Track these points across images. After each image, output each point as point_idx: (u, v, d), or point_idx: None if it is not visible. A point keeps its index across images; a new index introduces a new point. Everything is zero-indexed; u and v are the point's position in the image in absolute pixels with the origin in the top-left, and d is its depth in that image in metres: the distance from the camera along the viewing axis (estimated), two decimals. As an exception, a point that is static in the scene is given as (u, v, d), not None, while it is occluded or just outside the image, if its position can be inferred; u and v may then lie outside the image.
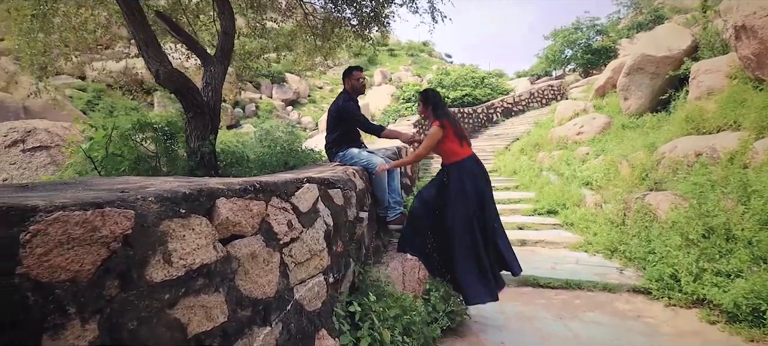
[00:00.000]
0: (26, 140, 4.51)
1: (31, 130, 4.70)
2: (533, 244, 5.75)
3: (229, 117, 30.44)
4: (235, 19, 3.85)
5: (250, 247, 1.53)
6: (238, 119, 31.26)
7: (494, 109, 16.25)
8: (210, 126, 3.33)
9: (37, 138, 4.67)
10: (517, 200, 7.91)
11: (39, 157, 4.56)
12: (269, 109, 31.94)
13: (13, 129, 4.66)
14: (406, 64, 42.41)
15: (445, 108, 3.53)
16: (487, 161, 11.54)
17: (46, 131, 4.71)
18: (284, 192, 1.79)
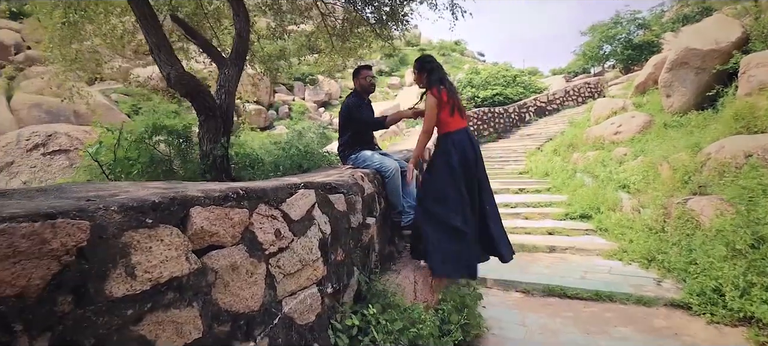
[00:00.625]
0: (47, 144, 4.72)
1: (52, 134, 4.91)
2: (563, 250, 5.44)
3: (263, 119, 31.25)
4: (250, 22, 3.84)
5: (229, 258, 1.44)
6: (271, 121, 31.99)
7: (526, 109, 15.72)
8: (222, 129, 3.31)
9: (57, 142, 4.88)
10: (548, 203, 7.55)
11: (58, 160, 4.76)
12: (302, 110, 32.50)
13: (35, 133, 4.89)
14: (438, 63, 42.03)
15: (441, 74, 3.27)
16: (518, 162, 11.17)
17: (67, 135, 4.90)
18: (274, 199, 1.70)
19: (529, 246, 5.64)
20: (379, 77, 41.35)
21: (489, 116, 14.50)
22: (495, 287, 4.44)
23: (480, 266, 4.91)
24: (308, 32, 5.63)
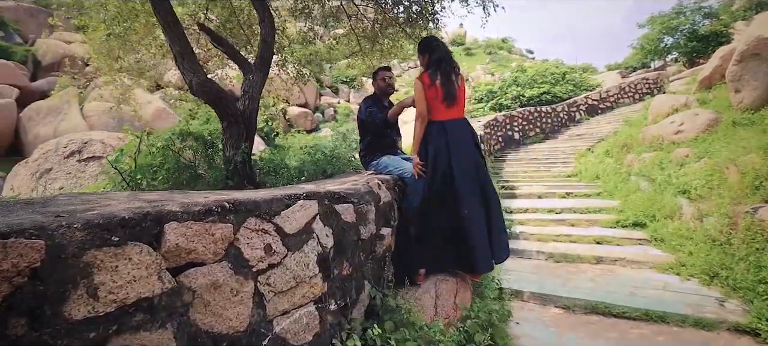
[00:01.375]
0: (82, 151, 5.02)
1: (87, 142, 5.20)
2: (611, 262, 5.00)
3: (309, 121, 32.03)
4: (275, 28, 3.83)
5: (210, 276, 1.36)
6: (317, 123, 32.72)
7: (577, 107, 14.86)
8: (244, 135, 3.31)
9: (91, 149, 5.17)
10: (598, 209, 7.02)
11: (92, 167, 5.05)
12: (346, 113, 32.94)
13: (71, 140, 5.22)
14: (484, 63, 40.98)
15: (439, 56, 3.04)
16: (566, 164, 10.56)
17: (101, 142, 5.20)
18: (266, 212, 1.60)
19: (572, 256, 5.23)
20: (424, 78, 41.02)
21: (535, 116, 13.84)
22: (532, 301, 4.13)
23: (516, 277, 4.64)
24: (338, 36, 5.58)
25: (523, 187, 9.19)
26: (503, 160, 11.74)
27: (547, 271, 4.91)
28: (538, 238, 6.12)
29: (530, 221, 6.89)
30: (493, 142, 12.25)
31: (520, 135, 13.43)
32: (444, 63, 2.99)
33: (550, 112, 14.16)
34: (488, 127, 11.93)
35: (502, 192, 8.66)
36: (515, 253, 5.63)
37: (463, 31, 48.86)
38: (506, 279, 4.41)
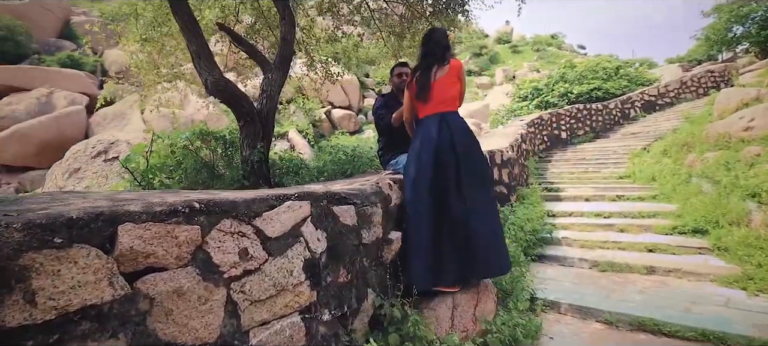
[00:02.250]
0: (108, 151, 5.24)
1: (114, 142, 5.43)
2: (665, 273, 4.49)
3: (353, 123, 32.39)
4: (295, 26, 3.76)
5: (173, 282, 1.25)
6: (361, 125, 33.01)
7: (631, 104, 13.80)
8: (260, 134, 3.26)
9: (117, 149, 5.38)
10: (652, 213, 6.40)
11: (116, 166, 5.26)
12: (390, 114, 32.98)
13: (99, 141, 5.49)
14: (531, 60, 39.51)
15: (424, 53, 2.82)
16: (618, 165, 9.82)
17: (127, 143, 5.42)
18: (245, 213, 1.48)
19: (620, 265, 4.76)
20: (468, 77, 40.28)
21: (584, 114, 13.00)
22: (569, 314, 3.77)
23: (553, 286, 4.28)
24: (364, 33, 5.46)
25: (568, 189, 8.62)
26: (548, 161, 11.12)
27: (590, 281, 4.49)
28: (581, 244, 5.66)
29: (574, 226, 6.40)
30: (538, 142, 11.65)
31: (567, 134, 12.69)
32: (427, 57, 2.81)
33: (601, 110, 13.25)
34: (532, 126, 11.34)
35: (546, 194, 8.17)
36: (555, 260, 5.24)
37: (509, 28, 47.38)
38: (542, 288, 4.07)
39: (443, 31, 2.94)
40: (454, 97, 2.76)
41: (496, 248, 2.71)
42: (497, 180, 5.59)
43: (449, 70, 2.74)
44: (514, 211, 5.59)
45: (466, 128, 2.78)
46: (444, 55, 2.79)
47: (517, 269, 3.89)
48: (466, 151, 2.67)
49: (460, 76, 2.81)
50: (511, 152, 6.36)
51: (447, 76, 2.74)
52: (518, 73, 35.76)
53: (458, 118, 2.78)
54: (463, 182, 2.58)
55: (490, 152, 5.58)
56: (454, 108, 2.79)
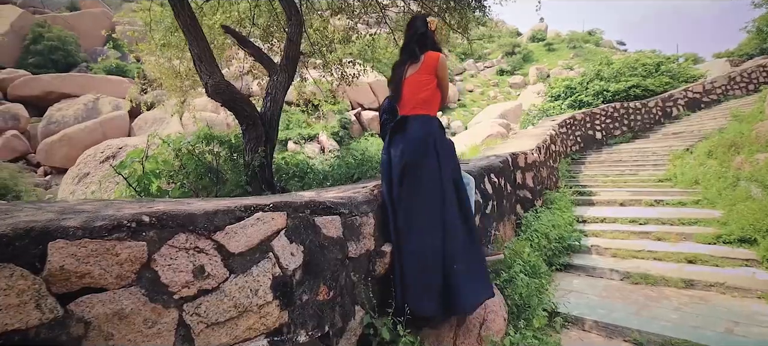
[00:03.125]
0: (116, 156, 5.33)
1: (122, 147, 5.52)
2: (706, 287, 4.09)
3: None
4: (302, 27, 3.67)
5: (113, 304, 1.15)
6: (390, 126, 32.97)
7: (673, 102, 12.94)
8: (263, 138, 3.17)
9: (125, 154, 5.44)
10: (693, 220, 5.90)
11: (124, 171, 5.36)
12: (418, 115, 32.77)
13: (108, 146, 5.60)
14: (567, 58, 38.16)
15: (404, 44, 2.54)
16: (657, 167, 9.22)
17: (135, 147, 5.49)
18: (204, 226, 1.36)
19: (655, 277, 4.38)
20: (500, 77, 39.41)
21: (621, 113, 12.30)
22: (594, 332, 3.47)
23: (578, 300, 3.97)
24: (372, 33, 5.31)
25: (602, 193, 8.14)
26: (581, 163, 10.58)
27: (620, 294, 4.15)
28: (613, 253, 5.27)
29: (606, 233, 6.00)
30: (570, 143, 11.11)
31: (602, 134, 12.05)
32: (402, 51, 2.54)
33: (639, 109, 12.50)
34: (564, 126, 10.83)
35: (577, 198, 7.74)
36: (583, 270, 4.90)
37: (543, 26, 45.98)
38: (565, 302, 3.78)
39: (423, 17, 2.53)
40: (426, 99, 2.37)
41: (450, 286, 2.11)
42: (520, 184, 5.31)
43: (422, 66, 2.38)
44: (539, 216, 5.28)
45: (420, 139, 2.29)
46: (418, 47, 2.43)
47: (536, 281, 3.63)
48: (412, 167, 2.25)
49: (437, 72, 2.39)
50: (536, 154, 6.04)
51: (419, 72, 2.39)
52: (553, 71, 34.64)
53: (418, 126, 2.33)
54: (401, 201, 2.20)
55: (513, 155, 5.30)
56: (426, 111, 2.38)
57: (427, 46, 2.44)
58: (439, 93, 2.47)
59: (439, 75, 2.42)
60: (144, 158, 2.66)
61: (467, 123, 29.63)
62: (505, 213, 4.50)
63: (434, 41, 2.49)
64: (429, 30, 2.48)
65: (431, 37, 2.48)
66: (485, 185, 3.98)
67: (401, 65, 2.48)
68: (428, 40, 2.46)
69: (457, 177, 2.37)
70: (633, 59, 14.04)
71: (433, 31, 2.49)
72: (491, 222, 3.90)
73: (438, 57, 2.39)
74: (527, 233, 4.86)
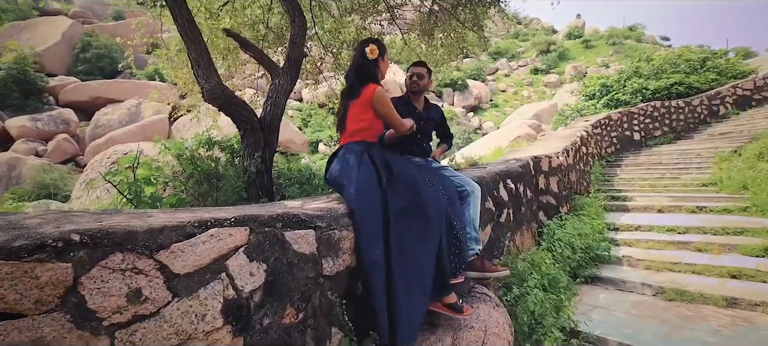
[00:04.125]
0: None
1: (127, 153, 5.56)
2: (750, 306, 3.68)
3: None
4: (306, 28, 3.57)
5: (31, 331, 1.05)
6: (421, 128, 32.67)
7: (721, 100, 12.00)
8: (262, 142, 3.09)
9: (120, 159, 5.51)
10: (740, 229, 5.38)
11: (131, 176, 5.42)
12: (450, 116, 32.40)
13: (115, 151, 5.69)
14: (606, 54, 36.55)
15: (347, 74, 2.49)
16: (701, 171, 8.57)
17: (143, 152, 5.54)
18: (147, 245, 1.25)
19: (692, 294, 3.99)
20: (534, 76, 38.29)
21: (662, 112, 11.52)
22: (618, 354, 3.17)
23: (603, 317, 3.65)
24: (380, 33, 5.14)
25: (638, 198, 7.62)
26: (617, 166, 9.99)
27: (651, 312, 3.80)
28: (646, 265, 4.87)
29: (640, 242, 5.57)
30: (605, 144, 10.52)
31: (641, 135, 11.34)
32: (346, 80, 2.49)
33: (682, 107, 11.67)
34: (598, 126, 10.25)
35: (610, 204, 7.28)
36: (611, 283, 4.56)
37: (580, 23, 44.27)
38: (587, 319, 3.49)
39: (364, 44, 2.45)
40: (362, 128, 2.32)
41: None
42: (543, 189, 5.00)
43: (359, 98, 2.32)
44: (564, 224, 4.95)
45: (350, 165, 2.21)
46: (357, 80, 2.39)
47: (554, 296, 3.36)
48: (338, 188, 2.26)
49: (372, 106, 2.30)
50: (562, 158, 5.69)
51: (356, 104, 2.33)
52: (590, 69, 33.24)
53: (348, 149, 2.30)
54: None
55: (535, 158, 5.00)
56: (362, 137, 2.32)
57: (365, 78, 2.37)
58: (380, 121, 2.38)
59: (375, 108, 2.31)
60: (135, 165, 2.63)
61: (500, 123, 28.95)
62: (523, 221, 4.23)
63: (372, 71, 2.40)
64: (366, 59, 2.39)
65: (369, 67, 2.39)
66: (500, 191, 3.74)
67: (345, 97, 2.43)
68: (366, 71, 2.38)
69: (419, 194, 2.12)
70: (675, 55, 13.16)
71: (376, 59, 2.39)
72: (505, 232, 3.65)
73: (373, 91, 2.29)
74: (549, 242, 4.56)
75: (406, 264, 1.91)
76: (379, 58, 2.41)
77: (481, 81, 37.46)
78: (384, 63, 2.47)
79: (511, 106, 33.85)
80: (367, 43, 2.43)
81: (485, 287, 2.80)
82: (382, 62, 2.45)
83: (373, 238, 1.88)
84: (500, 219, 3.65)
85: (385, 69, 2.49)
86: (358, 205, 1.98)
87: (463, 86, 35.33)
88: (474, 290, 2.72)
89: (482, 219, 3.29)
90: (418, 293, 1.90)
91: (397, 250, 1.91)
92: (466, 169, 4.49)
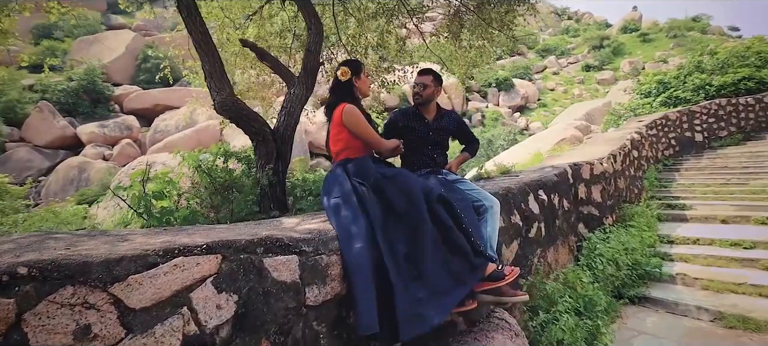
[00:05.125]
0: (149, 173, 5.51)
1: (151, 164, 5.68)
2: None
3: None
4: (322, 36, 3.48)
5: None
6: (464, 130, 32.02)
7: (801, 95, 10.69)
8: (274, 154, 3.03)
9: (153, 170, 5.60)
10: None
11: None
12: (495, 117, 31.56)
13: (140, 163, 5.81)
14: (666, 48, 33.99)
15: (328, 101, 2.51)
16: None
17: (163, 164, 5.67)
18: (101, 276, 1.19)
19: (757, 322, 3.49)
20: (586, 73, 36.35)
21: (728, 110, 10.40)
22: (662, 390, 2.81)
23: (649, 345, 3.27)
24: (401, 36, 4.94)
25: (698, 207, 6.92)
26: (675, 170, 9.15)
27: (707, 341, 3.36)
28: (704, 285, 4.35)
29: (698, 258, 5.01)
30: (662, 146, 9.68)
31: (704, 136, 10.34)
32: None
33: (752, 105, 10.49)
34: (653, 127, 9.45)
35: (665, 213, 6.66)
36: (662, 305, 4.11)
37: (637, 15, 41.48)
38: (628, 348, 3.14)
39: (340, 67, 2.49)
40: (338, 150, 2.37)
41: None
42: (583, 199, 4.61)
43: (333, 120, 2.40)
44: (607, 237, 4.53)
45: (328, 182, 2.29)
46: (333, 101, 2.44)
47: (589, 322, 3.05)
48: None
49: (343, 124, 2.33)
50: (606, 164, 5.23)
51: (332, 125, 2.42)
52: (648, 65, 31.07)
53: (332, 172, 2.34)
54: None
55: (574, 165, 4.63)
56: (346, 156, 2.34)
57: (339, 99, 2.41)
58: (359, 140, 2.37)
59: (347, 127, 2.33)
60: (145, 179, 2.66)
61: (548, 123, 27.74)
62: (558, 235, 3.91)
63: (347, 92, 2.44)
64: (339, 82, 2.45)
65: (343, 88, 2.45)
66: (529, 203, 3.46)
67: (327, 120, 2.49)
68: (340, 92, 2.44)
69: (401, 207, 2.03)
70: (743, 47, 11.87)
71: (349, 79, 2.43)
72: (534, 249, 3.37)
73: (341, 110, 2.33)
74: (589, 258, 4.18)
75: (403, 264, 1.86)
76: (354, 78, 2.45)
77: (528, 80, 36.15)
78: (362, 81, 2.51)
79: (561, 105, 32.37)
80: (340, 67, 2.50)
81: (506, 312, 2.56)
82: (359, 81, 2.48)
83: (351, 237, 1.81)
84: (529, 234, 3.37)
85: (364, 86, 2.53)
86: (333, 212, 1.97)
87: (509, 86, 34.26)
88: (492, 316, 2.49)
89: (507, 235, 3.05)
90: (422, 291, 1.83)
91: (390, 252, 1.84)
92: (496, 178, 4.23)
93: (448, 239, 2.03)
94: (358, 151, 2.34)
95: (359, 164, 2.25)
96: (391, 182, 2.10)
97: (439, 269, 1.92)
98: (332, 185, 2.19)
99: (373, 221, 1.87)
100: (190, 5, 2.91)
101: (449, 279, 1.93)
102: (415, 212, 1.96)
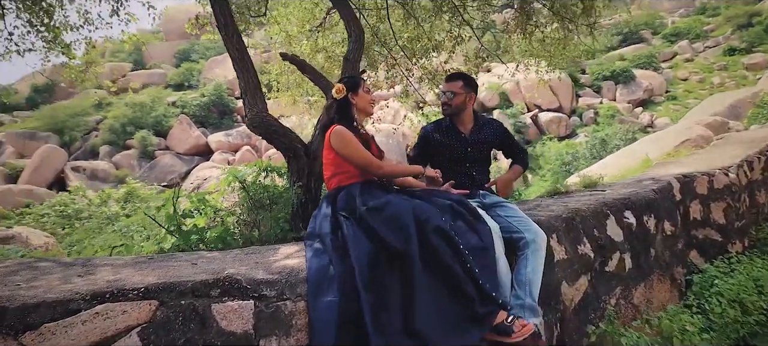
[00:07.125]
0: (201, 186, 5.69)
1: (207, 178, 5.86)
2: None
3: (563, 127, 28.98)
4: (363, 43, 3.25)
5: None
6: (573, 128, 29.25)
7: None
8: (306, 170, 2.90)
9: (206, 184, 5.78)
10: None
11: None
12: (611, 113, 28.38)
13: (197, 177, 6.03)
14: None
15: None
16: None
17: (217, 179, 5.81)
18: (14, 324, 1.13)
19: None
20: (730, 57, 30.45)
21: None
22: None
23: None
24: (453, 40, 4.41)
25: None
26: None
27: None
28: None
29: None
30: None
31: None
32: None
33: None
34: None
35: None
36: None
37: None
38: None
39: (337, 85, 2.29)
40: (328, 177, 2.22)
41: None
42: (697, 220, 3.67)
43: (325, 143, 2.20)
44: (731, 270, 3.51)
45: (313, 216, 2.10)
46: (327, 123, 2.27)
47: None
48: None
49: (332, 147, 2.15)
50: (733, 174, 4.11)
51: (324, 149, 2.22)
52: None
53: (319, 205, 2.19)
54: None
55: (684, 177, 3.72)
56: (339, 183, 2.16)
57: (333, 119, 2.23)
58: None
59: (336, 149, 2.13)
60: (175, 198, 2.73)
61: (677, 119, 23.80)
62: (653, 268, 3.13)
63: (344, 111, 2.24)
64: (334, 100, 2.27)
65: (338, 107, 2.25)
66: (606, 229, 2.81)
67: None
68: (334, 112, 2.26)
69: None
70: None
71: (344, 96, 2.24)
72: (612, 286, 2.71)
73: (329, 133, 2.16)
74: (701, 297, 3.28)
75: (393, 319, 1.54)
76: (350, 95, 2.24)
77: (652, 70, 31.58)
78: (360, 97, 2.28)
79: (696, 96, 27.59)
80: (338, 81, 2.36)
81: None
82: (357, 97, 2.26)
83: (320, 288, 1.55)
84: (605, 267, 2.73)
85: (363, 102, 2.30)
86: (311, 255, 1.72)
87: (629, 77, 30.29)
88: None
89: (571, 269, 2.49)
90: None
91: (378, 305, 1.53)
92: (575, 193, 3.58)
93: (447, 280, 1.65)
94: (352, 177, 2.10)
95: (348, 193, 1.99)
96: (376, 213, 1.79)
97: (432, 320, 1.55)
98: (314, 222, 1.99)
99: (356, 265, 1.59)
100: (228, 24, 2.96)
101: (441, 332, 1.55)
102: (404, 246, 1.64)
